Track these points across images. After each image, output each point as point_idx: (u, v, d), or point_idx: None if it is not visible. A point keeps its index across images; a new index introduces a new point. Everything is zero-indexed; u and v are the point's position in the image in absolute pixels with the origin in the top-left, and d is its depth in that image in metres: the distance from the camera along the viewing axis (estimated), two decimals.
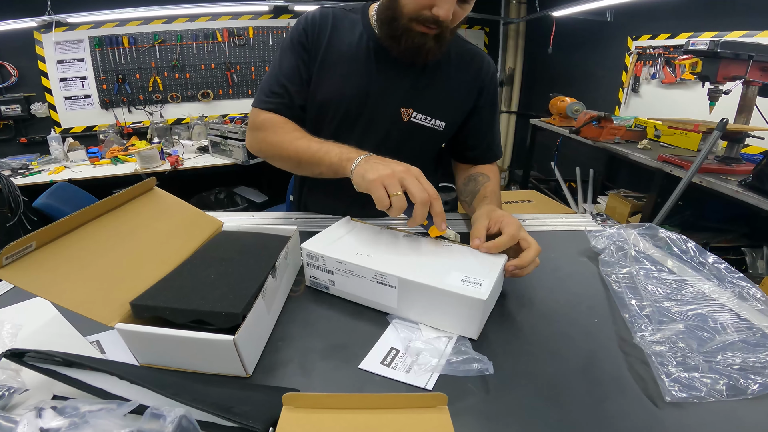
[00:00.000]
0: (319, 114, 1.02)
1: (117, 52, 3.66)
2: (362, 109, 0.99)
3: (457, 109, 1.04)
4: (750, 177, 1.81)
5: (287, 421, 0.39)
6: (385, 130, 1.01)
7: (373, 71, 0.97)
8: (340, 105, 0.99)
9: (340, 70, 0.97)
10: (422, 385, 0.51)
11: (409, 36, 0.87)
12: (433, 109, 1.00)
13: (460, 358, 0.54)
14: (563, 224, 1.04)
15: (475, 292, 0.58)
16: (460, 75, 1.01)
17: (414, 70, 0.97)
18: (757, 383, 0.52)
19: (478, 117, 1.07)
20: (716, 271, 0.76)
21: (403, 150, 1.02)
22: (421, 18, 0.83)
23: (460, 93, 1.02)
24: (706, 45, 1.86)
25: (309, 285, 0.74)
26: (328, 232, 0.76)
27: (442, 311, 0.61)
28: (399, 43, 0.89)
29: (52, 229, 0.53)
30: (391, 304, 0.65)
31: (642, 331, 0.60)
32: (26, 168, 3.10)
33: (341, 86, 0.97)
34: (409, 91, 0.98)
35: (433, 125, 1.01)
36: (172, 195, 0.79)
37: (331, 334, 0.62)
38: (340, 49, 0.97)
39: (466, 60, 1.02)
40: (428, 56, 0.91)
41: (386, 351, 0.58)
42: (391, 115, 1.00)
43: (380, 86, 0.97)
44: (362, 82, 0.97)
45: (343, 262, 0.66)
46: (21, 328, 0.58)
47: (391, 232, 0.77)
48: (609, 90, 3.62)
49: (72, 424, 0.34)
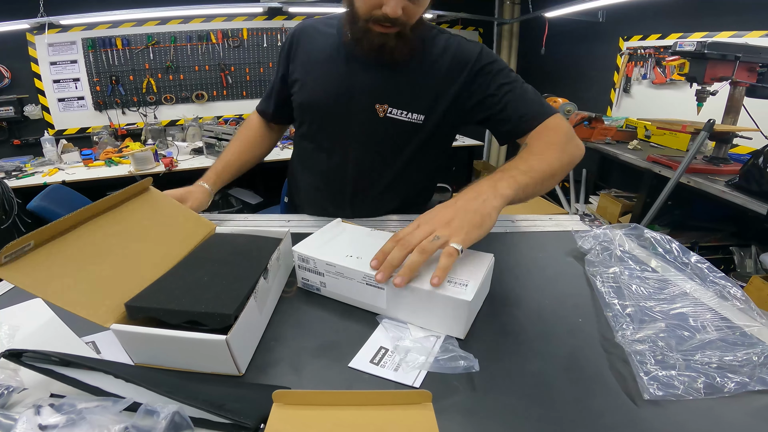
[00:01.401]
0: (302, 117, 1.12)
1: (110, 53, 3.65)
2: (338, 108, 1.04)
3: (437, 102, 1.02)
4: (737, 177, 1.84)
5: (277, 417, 0.41)
6: (362, 128, 1.04)
7: (345, 72, 1.02)
8: (317, 107, 1.07)
9: (315, 74, 1.06)
10: (410, 383, 0.53)
11: (369, 37, 0.92)
12: (408, 103, 1.01)
13: (446, 356, 0.55)
14: (552, 225, 1.06)
15: (460, 293, 0.59)
16: (438, 67, 1.01)
17: (387, 67, 0.99)
18: (734, 381, 0.53)
19: (483, 102, 1.01)
20: (699, 270, 0.78)
21: (384, 146, 1.07)
22: (374, 18, 0.88)
23: (439, 84, 1.01)
24: (693, 46, 1.89)
25: (301, 287, 0.75)
26: (320, 234, 0.77)
27: (429, 312, 0.62)
28: (362, 45, 0.94)
29: (50, 229, 0.54)
30: (381, 305, 0.66)
31: (623, 330, 0.62)
32: (20, 170, 3.09)
33: (316, 89, 1.05)
34: (381, 87, 1.01)
35: (410, 119, 1.02)
36: (167, 196, 0.81)
37: (323, 333, 0.63)
38: (315, 56, 1.06)
39: (444, 50, 1.01)
40: (394, 54, 0.94)
41: (375, 350, 0.59)
42: (366, 112, 1.02)
43: (353, 85, 1.01)
44: (335, 83, 1.02)
45: (333, 265, 0.67)
46: (18, 329, 0.59)
47: (380, 234, 0.78)
48: (601, 90, 3.65)
49: (69, 421, 0.35)
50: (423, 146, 1.09)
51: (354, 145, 1.06)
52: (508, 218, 1.09)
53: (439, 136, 1.10)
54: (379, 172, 1.10)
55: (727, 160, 2.10)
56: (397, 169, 1.10)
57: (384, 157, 1.08)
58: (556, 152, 0.89)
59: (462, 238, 0.64)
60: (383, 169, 1.09)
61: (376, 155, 1.08)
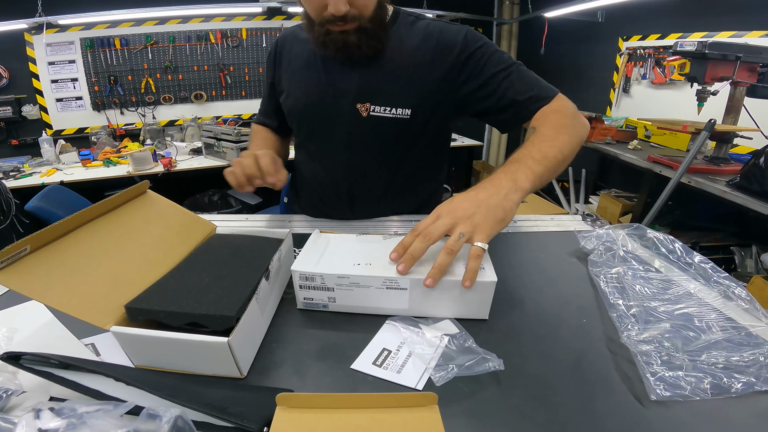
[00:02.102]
0: (291, 124, 1.14)
1: (109, 53, 3.64)
2: (320, 113, 1.03)
3: (423, 93, 0.98)
4: (738, 177, 1.84)
5: (281, 420, 0.40)
6: (347, 130, 1.01)
7: (323, 75, 1.00)
8: (300, 113, 1.07)
9: (295, 82, 1.06)
10: (412, 385, 0.52)
11: (329, 38, 0.90)
12: (392, 99, 0.98)
13: (471, 360, 0.55)
14: (554, 225, 1.06)
15: (484, 275, 0.62)
16: (419, 57, 0.97)
17: (363, 65, 0.97)
18: (741, 382, 0.52)
19: (477, 89, 0.97)
20: (702, 270, 0.77)
21: (375, 145, 1.03)
22: (326, 19, 0.86)
23: (423, 75, 0.97)
24: (694, 46, 1.89)
25: (303, 308, 0.69)
26: (308, 250, 0.71)
27: (455, 301, 0.63)
28: (326, 47, 0.92)
29: (46, 233, 0.53)
30: (402, 306, 0.65)
31: (628, 330, 0.61)
32: (18, 170, 3.08)
33: (298, 95, 1.05)
34: (361, 86, 0.98)
35: (395, 115, 0.98)
36: (165, 198, 0.80)
37: (324, 335, 0.63)
38: (293, 63, 1.06)
39: (426, 39, 0.97)
40: (362, 49, 0.91)
41: (378, 351, 0.59)
42: (348, 114, 1.00)
43: (331, 87, 1.00)
44: (314, 87, 1.02)
45: (346, 276, 0.64)
46: (16, 331, 0.59)
47: (370, 238, 0.77)
48: (600, 90, 3.65)
49: (70, 425, 0.34)
50: (416, 143, 1.05)
51: (342, 149, 1.04)
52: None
53: (433, 130, 1.05)
54: (374, 174, 1.06)
55: (728, 160, 2.10)
56: (392, 169, 1.06)
57: (376, 158, 1.05)
58: (566, 135, 0.86)
59: (486, 235, 0.64)
60: (378, 170, 1.06)
61: (367, 157, 1.04)
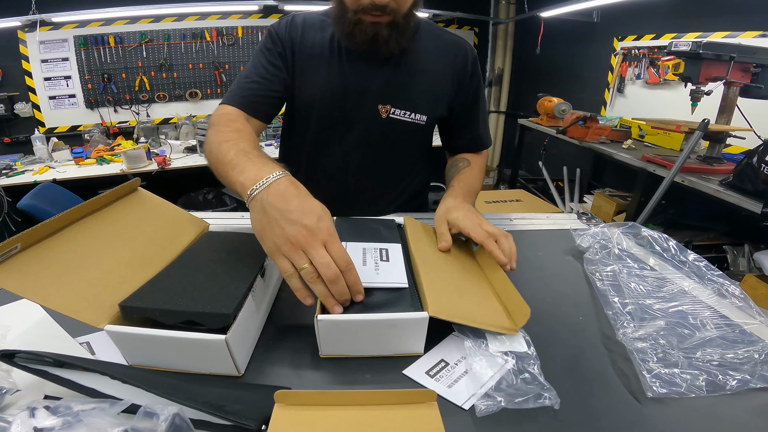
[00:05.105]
0: (301, 117, 1.04)
1: (102, 51, 3.61)
2: (339, 108, 1.00)
3: (438, 101, 1.03)
4: (731, 176, 1.85)
5: (279, 418, 0.40)
6: (364, 129, 1.01)
7: (347, 70, 0.97)
8: (317, 106, 1.00)
9: (314, 72, 0.99)
10: (459, 404, 0.49)
11: (360, 28, 0.88)
12: (412, 104, 1.00)
13: (526, 397, 0.49)
14: (549, 223, 1.06)
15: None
16: (439, 66, 1.00)
17: (389, 65, 0.97)
18: (736, 379, 0.53)
19: (461, 107, 1.06)
20: (696, 268, 0.78)
21: (386, 147, 1.04)
22: (362, 8, 0.85)
23: (440, 85, 1.01)
24: (689, 46, 1.89)
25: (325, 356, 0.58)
26: None
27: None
28: (354, 38, 0.90)
29: (37, 231, 0.53)
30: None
31: (624, 328, 0.62)
32: (10, 168, 3.05)
33: (316, 88, 0.99)
34: (385, 87, 0.98)
35: (414, 119, 1.01)
36: (156, 196, 0.79)
37: None
38: (312, 51, 0.98)
39: (445, 50, 1.01)
40: (389, 45, 0.90)
41: (435, 361, 0.56)
42: (369, 113, 0.99)
43: (355, 84, 0.98)
44: (337, 82, 0.98)
45: None
46: (10, 329, 0.58)
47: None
48: (595, 90, 3.66)
49: (65, 423, 0.34)
50: (422, 147, 1.08)
51: (355, 147, 1.03)
52: (505, 216, 1.09)
53: (432, 135, 1.10)
54: (382, 175, 1.08)
55: (721, 159, 2.11)
56: (399, 171, 1.08)
57: (386, 159, 1.06)
58: (483, 176, 1.08)
59: None
60: (386, 171, 1.07)
61: (378, 157, 1.05)
